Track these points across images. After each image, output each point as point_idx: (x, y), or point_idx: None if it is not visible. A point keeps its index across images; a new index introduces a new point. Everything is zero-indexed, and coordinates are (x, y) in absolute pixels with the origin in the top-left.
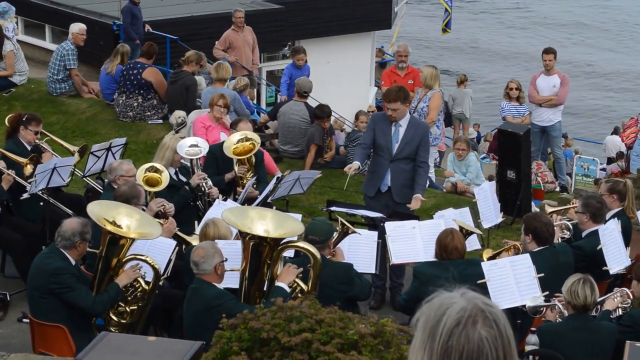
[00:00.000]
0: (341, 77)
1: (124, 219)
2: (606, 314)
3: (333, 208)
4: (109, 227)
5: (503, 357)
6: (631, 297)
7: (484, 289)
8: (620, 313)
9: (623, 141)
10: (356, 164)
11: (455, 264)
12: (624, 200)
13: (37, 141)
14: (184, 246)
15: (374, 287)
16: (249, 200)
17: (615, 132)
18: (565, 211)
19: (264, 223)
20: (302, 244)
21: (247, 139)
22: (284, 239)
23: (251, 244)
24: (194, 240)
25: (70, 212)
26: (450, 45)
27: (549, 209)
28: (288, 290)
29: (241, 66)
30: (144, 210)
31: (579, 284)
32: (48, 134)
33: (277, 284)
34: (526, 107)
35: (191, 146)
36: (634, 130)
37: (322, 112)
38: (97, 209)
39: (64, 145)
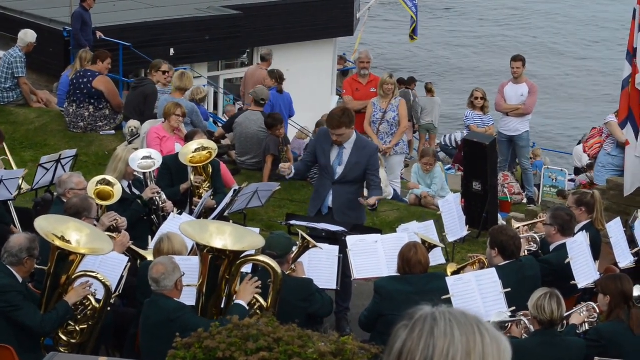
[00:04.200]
0: (302, 85)
1: (74, 234)
2: (572, 329)
3: (292, 222)
4: (58, 243)
5: None
6: (597, 311)
7: (448, 305)
8: (587, 328)
9: (585, 152)
10: (291, 167)
11: (418, 279)
12: (592, 212)
13: None
14: (138, 261)
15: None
16: (206, 210)
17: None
18: (532, 225)
19: (223, 237)
20: (262, 258)
21: (204, 148)
22: (243, 252)
23: (209, 257)
24: (149, 255)
25: (17, 226)
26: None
27: (515, 224)
28: (247, 308)
29: None
30: (95, 224)
31: (545, 299)
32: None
33: (236, 301)
34: (491, 117)
35: (144, 158)
36: (597, 141)
37: (273, 120)
38: (45, 224)
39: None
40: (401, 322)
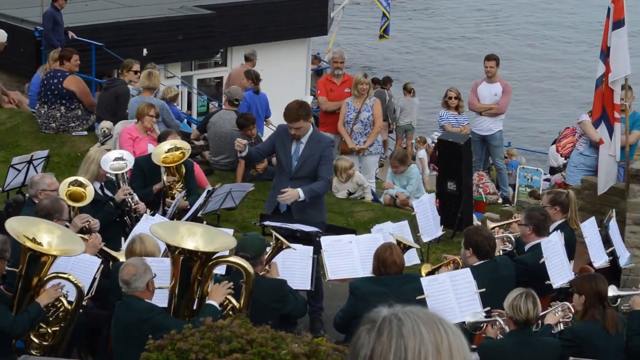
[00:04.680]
0: (276, 85)
1: (45, 236)
2: (547, 329)
3: (266, 222)
4: (29, 244)
5: None
6: (573, 311)
7: (423, 305)
8: (562, 328)
9: (558, 152)
10: (246, 146)
11: (393, 280)
12: (566, 211)
13: None
14: (111, 263)
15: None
16: (179, 211)
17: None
18: (507, 226)
19: (195, 239)
20: (234, 259)
21: (177, 148)
22: (215, 253)
23: (181, 258)
24: (121, 256)
25: None
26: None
27: (490, 224)
28: (219, 308)
29: None
30: (67, 226)
31: (521, 299)
32: None
33: (208, 301)
34: (465, 117)
35: (116, 160)
36: (570, 141)
37: (245, 121)
38: (16, 225)
39: None
40: (362, 326)
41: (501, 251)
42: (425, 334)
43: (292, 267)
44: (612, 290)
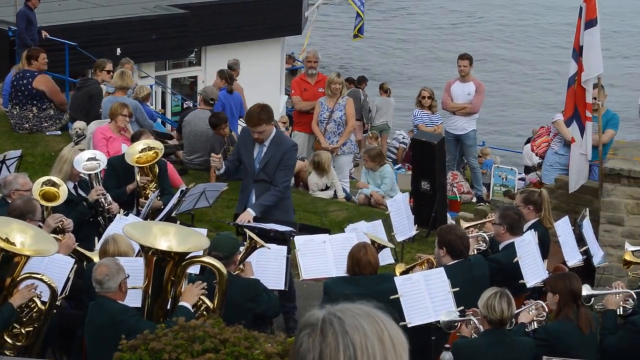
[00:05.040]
0: (250, 84)
1: (18, 236)
2: (521, 328)
3: (240, 222)
4: (2, 244)
5: None
6: (546, 310)
7: (397, 305)
8: (536, 326)
9: (533, 150)
10: (221, 162)
11: (367, 280)
12: (540, 210)
13: None
14: (84, 263)
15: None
16: (153, 211)
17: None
18: (481, 225)
19: (168, 239)
20: (208, 259)
21: (150, 148)
22: (188, 253)
23: (154, 259)
24: (95, 256)
25: None
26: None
27: (464, 224)
28: (192, 310)
29: None
30: (40, 226)
31: (495, 298)
32: None
33: (181, 303)
34: (439, 116)
35: (89, 160)
36: (545, 140)
37: (217, 120)
38: None
39: None
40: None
41: (475, 250)
42: (367, 328)
43: (266, 266)
44: (585, 290)
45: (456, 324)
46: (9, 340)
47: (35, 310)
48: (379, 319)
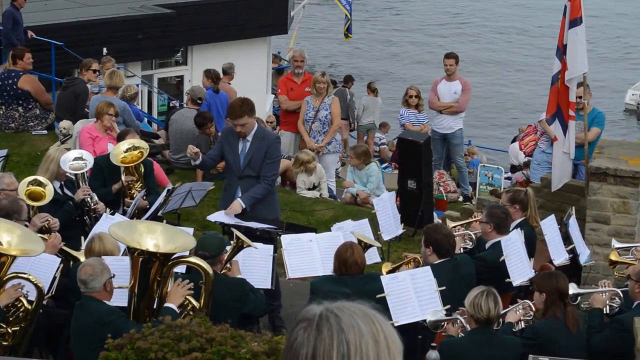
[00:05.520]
0: (236, 84)
1: (4, 235)
2: (508, 327)
3: (226, 221)
4: None
5: None
6: (533, 309)
7: (383, 304)
8: (523, 326)
9: (521, 149)
10: (199, 154)
11: (354, 280)
12: (526, 209)
13: None
14: (71, 262)
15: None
16: (139, 211)
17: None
18: (468, 224)
19: (154, 237)
20: (193, 259)
21: (135, 148)
22: (174, 254)
23: (140, 259)
24: (81, 256)
25: None
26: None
27: (451, 223)
28: (177, 311)
29: None
30: (26, 225)
31: (482, 297)
32: None
33: (166, 304)
34: (425, 115)
35: (75, 159)
36: (533, 139)
37: (203, 119)
38: None
39: None
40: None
41: (462, 249)
42: (363, 327)
43: (253, 265)
44: (572, 289)
45: (442, 323)
46: None
47: (21, 309)
48: (376, 320)
